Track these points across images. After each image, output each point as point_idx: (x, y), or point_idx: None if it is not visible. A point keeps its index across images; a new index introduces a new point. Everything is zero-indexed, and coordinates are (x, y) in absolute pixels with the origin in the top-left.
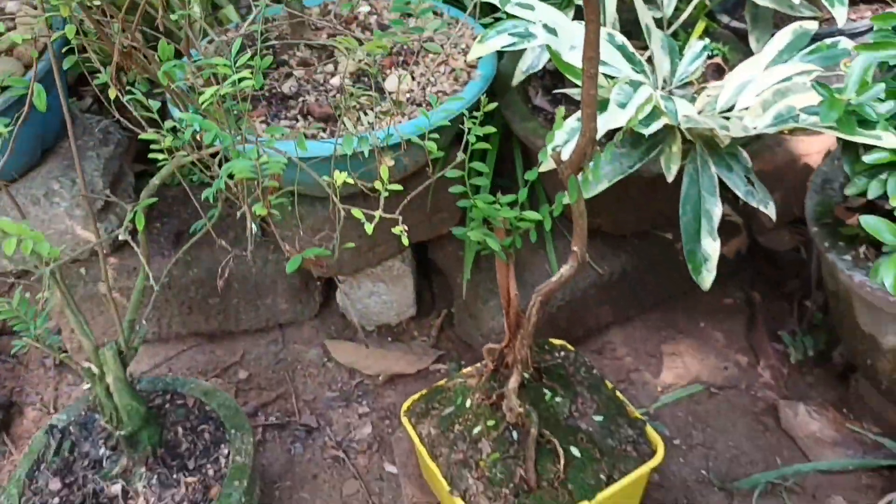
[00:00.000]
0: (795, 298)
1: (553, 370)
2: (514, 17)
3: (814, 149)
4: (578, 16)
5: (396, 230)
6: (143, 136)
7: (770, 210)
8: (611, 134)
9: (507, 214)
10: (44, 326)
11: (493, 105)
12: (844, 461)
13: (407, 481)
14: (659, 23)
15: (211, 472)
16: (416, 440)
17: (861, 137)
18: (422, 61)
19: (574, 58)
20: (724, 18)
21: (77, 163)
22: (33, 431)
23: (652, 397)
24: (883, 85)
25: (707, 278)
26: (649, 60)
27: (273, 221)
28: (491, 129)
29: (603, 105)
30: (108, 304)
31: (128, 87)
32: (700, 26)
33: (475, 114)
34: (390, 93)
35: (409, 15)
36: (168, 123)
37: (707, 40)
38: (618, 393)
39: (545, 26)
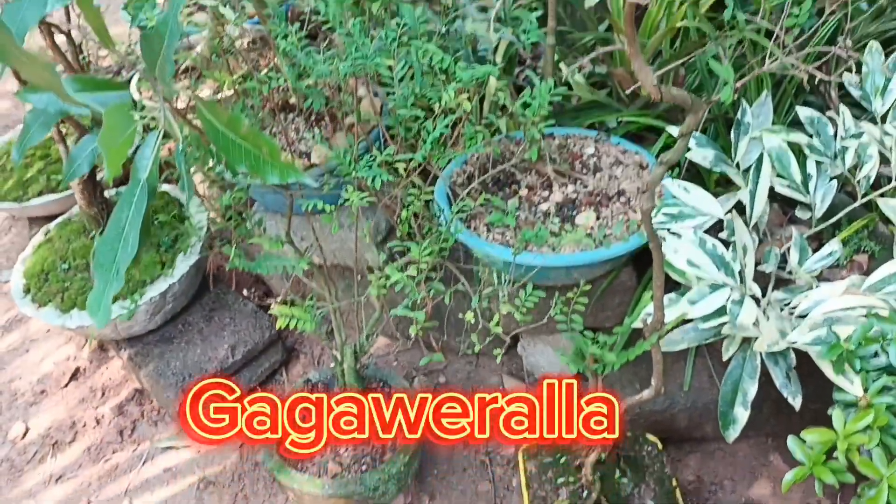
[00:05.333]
0: None
1: (632, 458)
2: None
3: None
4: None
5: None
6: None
7: (796, 402)
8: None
9: (594, 351)
10: (318, 321)
11: (587, 287)
12: None
13: (521, 498)
14: (809, 220)
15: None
16: (522, 472)
17: (841, 379)
18: (611, 206)
19: (672, 257)
20: None
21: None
22: (301, 373)
23: None
24: (877, 346)
25: (732, 434)
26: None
27: None
28: (584, 301)
29: (683, 294)
30: (371, 310)
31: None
32: (854, 226)
33: (583, 287)
34: (576, 226)
35: (621, 163)
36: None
37: (837, 246)
38: (677, 492)
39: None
